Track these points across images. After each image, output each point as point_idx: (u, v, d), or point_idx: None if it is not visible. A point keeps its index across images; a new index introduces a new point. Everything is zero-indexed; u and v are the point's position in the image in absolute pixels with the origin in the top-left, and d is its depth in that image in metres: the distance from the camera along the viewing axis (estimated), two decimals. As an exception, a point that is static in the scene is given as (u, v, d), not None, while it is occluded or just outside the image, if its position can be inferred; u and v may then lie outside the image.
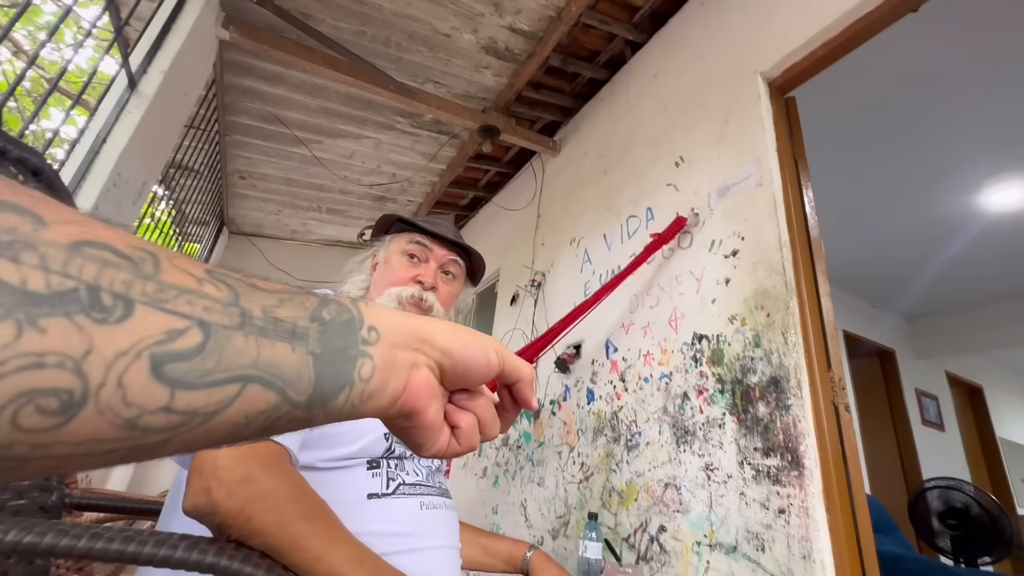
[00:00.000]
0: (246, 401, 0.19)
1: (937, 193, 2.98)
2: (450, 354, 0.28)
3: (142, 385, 0.16)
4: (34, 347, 0.14)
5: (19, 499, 0.66)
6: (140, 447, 0.17)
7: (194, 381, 0.18)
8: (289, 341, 0.21)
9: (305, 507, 0.54)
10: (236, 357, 0.19)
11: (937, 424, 4.24)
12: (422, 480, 0.73)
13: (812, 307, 1.26)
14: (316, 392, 0.22)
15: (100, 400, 0.16)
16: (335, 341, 0.22)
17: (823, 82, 1.63)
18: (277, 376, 0.20)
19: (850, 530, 1.08)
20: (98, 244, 0.16)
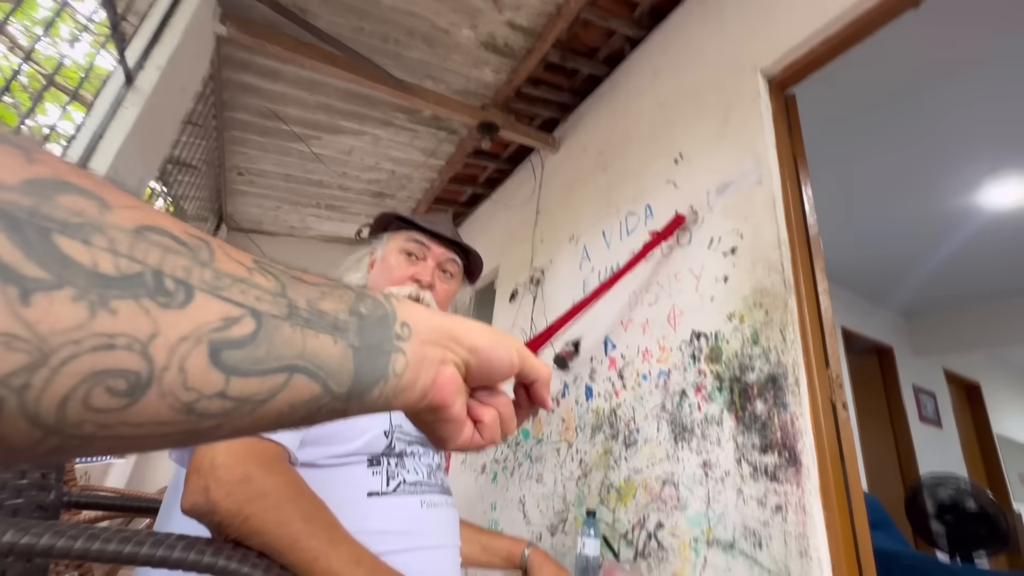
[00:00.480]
0: (292, 391, 0.20)
1: (936, 190, 2.98)
2: (476, 352, 0.29)
3: (201, 370, 0.17)
4: (106, 328, 0.15)
5: (17, 498, 0.66)
6: (195, 431, 0.18)
7: (247, 368, 0.18)
8: (331, 333, 0.21)
9: (304, 507, 0.54)
10: (285, 347, 0.19)
11: (934, 421, 4.25)
12: (423, 478, 0.73)
13: (811, 305, 1.26)
14: (354, 384, 0.22)
15: (163, 383, 0.16)
16: (372, 335, 0.23)
17: (823, 79, 1.63)
18: (321, 367, 0.21)
19: (847, 527, 1.09)
20: (159, 230, 0.17)
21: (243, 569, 0.45)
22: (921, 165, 2.79)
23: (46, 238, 0.14)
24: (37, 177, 0.15)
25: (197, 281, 0.17)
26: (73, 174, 0.16)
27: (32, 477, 0.69)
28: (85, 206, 0.15)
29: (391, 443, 0.70)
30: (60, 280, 0.14)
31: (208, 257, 0.18)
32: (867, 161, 2.81)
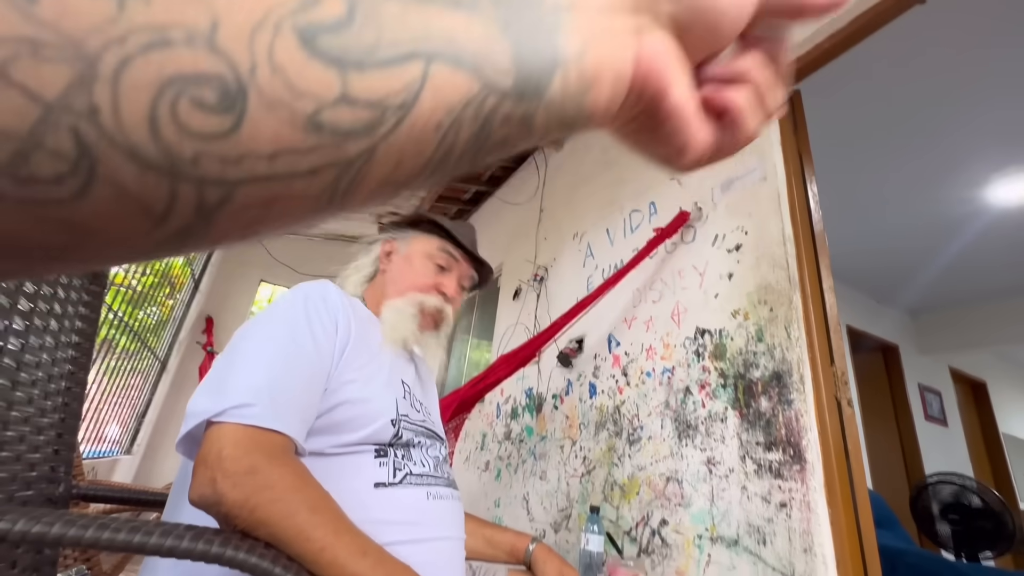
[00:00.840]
0: (438, 86, 0.14)
1: (943, 188, 2.96)
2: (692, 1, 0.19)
3: (300, 66, 0.12)
4: (146, 19, 0.11)
5: (27, 490, 0.67)
6: (346, 161, 0.14)
7: (361, 58, 0.13)
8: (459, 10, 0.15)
9: (310, 497, 0.54)
10: (399, 28, 0.14)
11: (940, 419, 4.23)
12: (429, 470, 0.73)
13: (815, 302, 1.26)
14: (521, 73, 0.16)
15: (261, 88, 0.12)
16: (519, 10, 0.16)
17: (828, 75, 1.61)
18: (463, 50, 0.15)
19: (851, 524, 1.08)
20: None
21: (251, 559, 0.45)
22: (928, 162, 2.77)
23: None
24: None
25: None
26: None
27: (42, 470, 0.69)
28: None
29: (398, 432, 0.70)
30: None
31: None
32: (873, 159, 2.79)
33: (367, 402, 0.68)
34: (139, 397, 3.85)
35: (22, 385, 0.65)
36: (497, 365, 1.82)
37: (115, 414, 3.41)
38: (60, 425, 0.74)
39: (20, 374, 0.64)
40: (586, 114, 0.18)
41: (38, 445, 0.69)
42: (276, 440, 0.56)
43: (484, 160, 0.17)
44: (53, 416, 0.72)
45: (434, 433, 0.80)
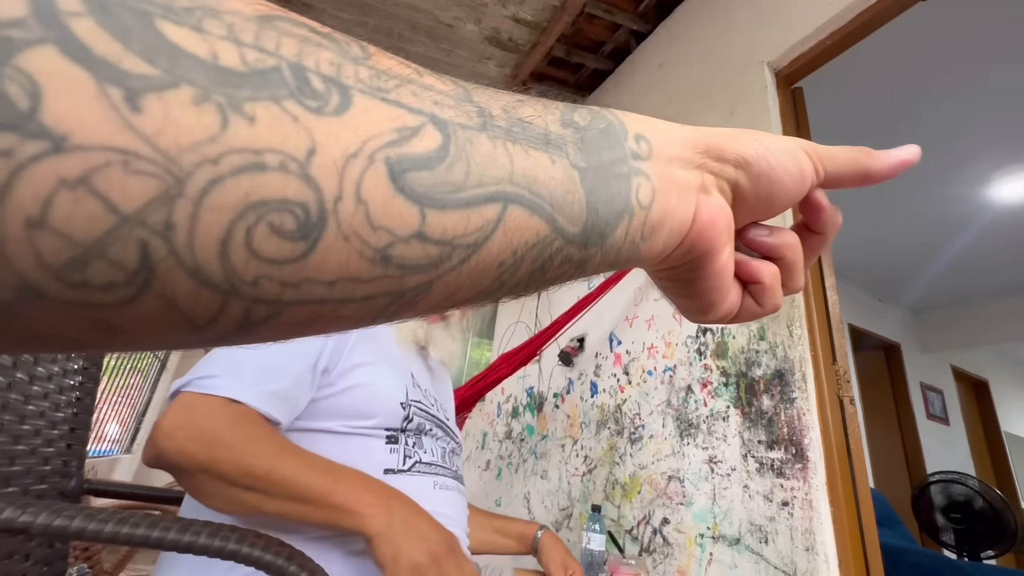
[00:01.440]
0: (511, 229, 0.15)
1: (945, 186, 2.96)
2: (749, 165, 0.20)
3: (385, 200, 0.12)
4: (247, 141, 0.11)
5: (41, 484, 0.68)
6: (401, 292, 0.14)
7: (444, 198, 0.13)
8: (545, 150, 0.15)
9: (248, 430, 0.55)
10: (488, 167, 0.14)
11: (942, 418, 4.23)
12: (438, 460, 0.74)
13: (818, 300, 1.26)
14: (591, 220, 0.16)
15: (341, 218, 0.12)
16: (599, 152, 0.17)
17: (830, 72, 1.62)
18: (540, 196, 0.15)
19: (854, 523, 1.08)
20: (291, 20, 0.13)
21: (266, 556, 0.45)
22: (929, 161, 2.77)
23: (148, 24, 0.10)
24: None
25: (352, 80, 0.13)
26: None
27: (55, 464, 0.70)
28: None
29: (408, 415, 0.71)
30: (173, 76, 0.10)
31: (361, 53, 0.13)
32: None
33: (376, 385, 0.69)
34: (139, 396, 3.86)
35: (39, 380, 0.66)
36: (498, 364, 1.83)
37: (115, 413, 3.42)
38: (73, 420, 0.75)
39: (38, 368, 0.65)
40: (638, 257, 0.18)
41: (52, 439, 0.70)
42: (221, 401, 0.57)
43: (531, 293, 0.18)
44: (67, 411, 0.73)
45: (447, 427, 0.81)
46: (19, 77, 0.09)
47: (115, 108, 0.10)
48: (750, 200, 0.20)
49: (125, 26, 0.10)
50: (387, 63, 0.14)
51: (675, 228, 0.18)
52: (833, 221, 0.23)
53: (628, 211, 0.17)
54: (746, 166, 0.20)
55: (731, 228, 0.20)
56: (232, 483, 0.53)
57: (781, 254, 0.22)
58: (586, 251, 0.17)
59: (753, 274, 0.22)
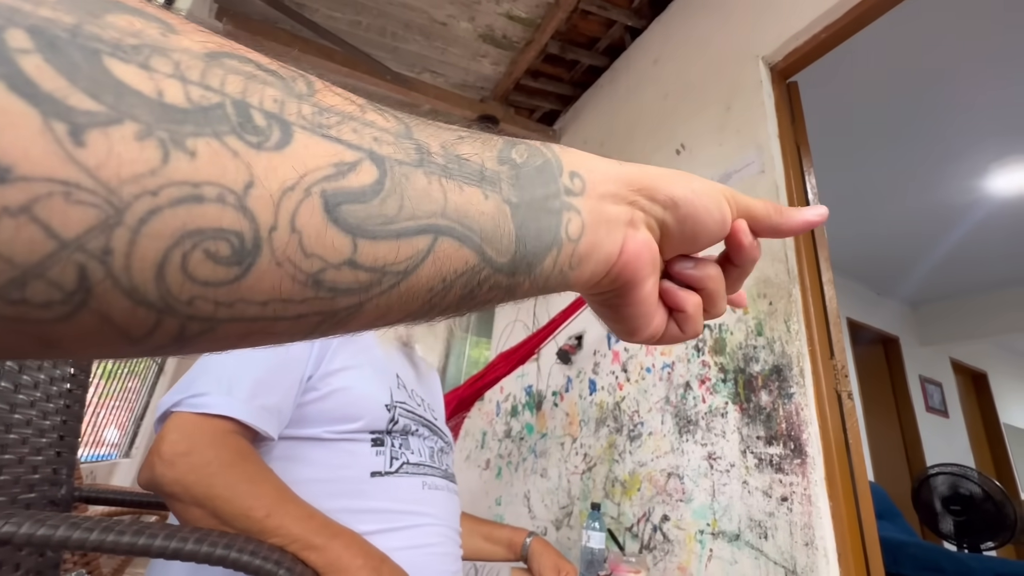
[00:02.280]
0: (440, 259, 0.16)
1: (942, 178, 2.96)
2: (676, 207, 0.21)
3: (318, 230, 0.13)
4: (186, 175, 0.12)
5: (30, 492, 0.67)
6: (332, 312, 0.15)
7: (376, 229, 0.14)
8: (479, 185, 0.16)
9: (248, 471, 0.55)
10: (421, 202, 0.15)
11: (941, 411, 4.24)
12: (426, 460, 0.74)
13: (815, 295, 1.25)
14: (519, 252, 0.17)
15: (275, 246, 0.13)
16: (533, 188, 0.18)
17: (825, 66, 1.61)
18: (471, 229, 0.16)
19: (853, 517, 1.08)
20: (239, 56, 0.13)
21: (254, 561, 0.45)
22: (926, 153, 2.77)
23: (95, 61, 0.11)
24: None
25: (294, 116, 0.13)
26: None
27: (44, 472, 0.69)
28: (144, 27, 0.12)
29: (393, 417, 0.70)
30: (117, 112, 0.11)
31: (306, 90, 0.14)
32: (872, 150, 2.79)
33: (359, 388, 0.69)
34: (136, 400, 3.85)
35: (25, 388, 0.65)
36: (496, 363, 1.82)
37: (113, 417, 3.41)
38: (62, 427, 0.74)
39: (23, 376, 0.64)
40: (567, 284, 0.20)
41: (40, 448, 0.69)
42: (223, 426, 0.57)
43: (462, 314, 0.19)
44: (55, 419, 0.72)
45: (434, 426, 0.80)
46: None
47: (59, 142, 0.10)
48: (676, 237, 0.22)
49: (73, 63, 0.11)
50: (331, 100, 0.15)
51: (602, 259, 0.20)
52: (751, 257, 0.25)
53: (557, 244, 0.18)
54: (674, 207, 0.21)
55: (655, 261, 0.22)
56: (227, 523, 0.52)
57: (704, 285, 0.24)
58: (514, 279, 0.18)
59: (678, 303, 0.24)
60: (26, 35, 0.10)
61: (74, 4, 0.11)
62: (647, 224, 0.21)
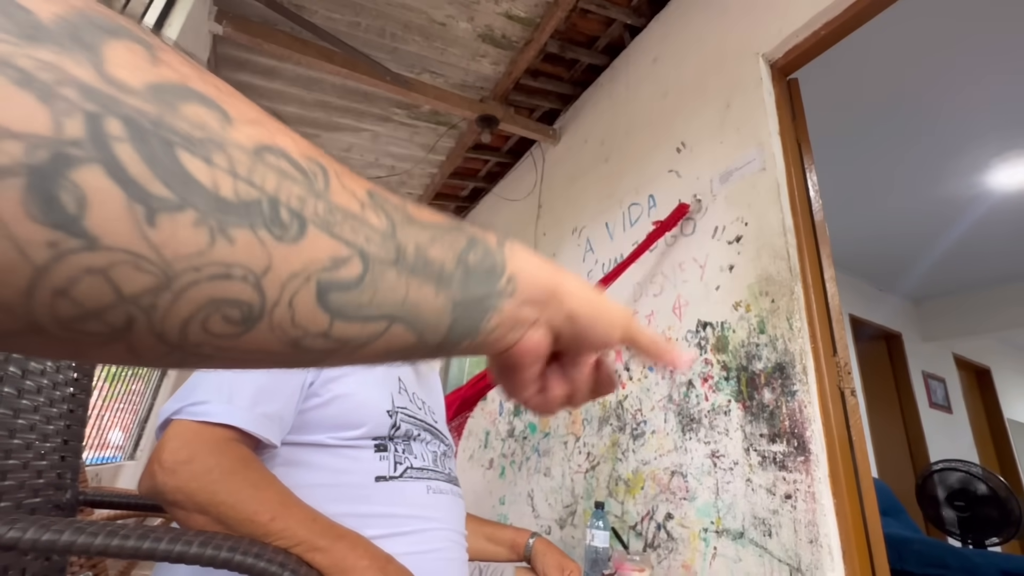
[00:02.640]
0: (390, 338, 0.20)
1: (943, 173, 2.95)
2: (574, 322, 0.26)
3: (309, 310, 0.17)
4: (224, 257, 0.15)
5: (35, 497, 0.67)
6: (298, 361, 0.19)
7: (351, 313, 0.18)
8: (434, 284, 0.20)
9: (251, 477, 0.55)
10: (388, 294, 0.19)
11: (944, 407, 4.23)
12: (429, 464, 0.73)
13: (817, 292, 1.25)
14: (447, 337, 0.22)
15: (273, 318, 0.16)
16: (475, 288, 0.22)
17: (826, 63, 1.61)
18: (419, 319, 0.20)
19: (857, 514, 1.08)
20: (278, 151, 0.16)
21: (259, 564, 0.45)
22: (928, 148, 2.76)
23: (171, 153, 0.14)
24: (162, 81, 0.14)
25: (311, 214, 0.16)
26: (197, 78, 0.15)
27: (49, 477, 0.70)
28: (208, 118, 0.15)
29: (395, 423, 0.70)
30: (183, 201, 0.14)
31: (323, 187, 0.17)
32: (873, 146, 2.78)
33: (360, 395, 0.69)
34: (141, 403, 3.86)
35: (27, 393, 0.65)
36: (499, 362, 1.81)
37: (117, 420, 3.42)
38: (66, 432, 0.74)
39: (25, 382, 0.64)
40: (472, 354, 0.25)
41: (44, 452, 0.69)
42: (225, 433, 0.57)
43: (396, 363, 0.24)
44: (59, 423, 0.72)
45: (436, 430, 0.80)
46: (73, 188, 0.12)
47: (137, 222, 0.13)
48: (566, 340, 0.27)
49: (154, 153, 0.13)
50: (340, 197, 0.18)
51: (501, 346, 0.25)
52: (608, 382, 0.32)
53: (475, 333, 0.23)
54: (572, 321, 0.26)
55: (541, 356, 0.27)
56: (231, 528, 0.52)
57: (573, 383, 0.30)
58: (437, 352, 0.23)
59: (548, 388, 0.29)
60: (121, 125, 0.13)
61: (157, 95, 0.14)
62: (547, 325, 0.26)
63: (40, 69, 0.12)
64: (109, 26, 0.14)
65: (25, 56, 0.12)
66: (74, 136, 0.12)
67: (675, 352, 0.31)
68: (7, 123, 0.12)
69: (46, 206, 0.12)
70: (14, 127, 0.12)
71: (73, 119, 0.12)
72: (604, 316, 0.28)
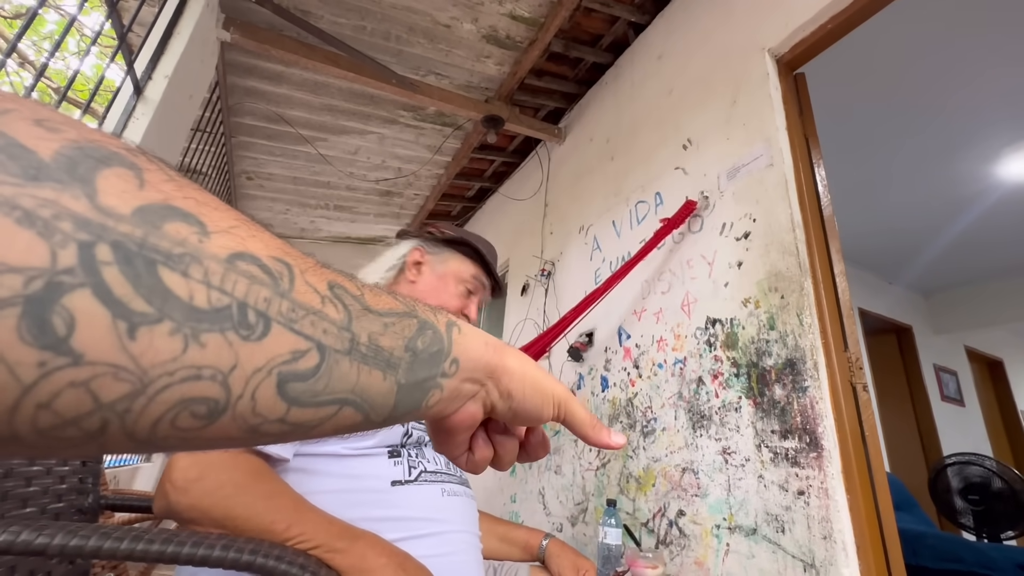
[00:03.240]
0: (339, 420, 0.21)
1: (953, 164, 2.92)
2: (509, 399, 0.29)
3: (269, 400, 0.18)
4: (195, 360, 0.16)
5: (58, 502, 0.69)
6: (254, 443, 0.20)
7: (306, 400, 0.19)
8: (383, 370, 0.22)
9: (264, 489, 0.56)
10: (341, 381, 0.20)
11: (957, 399, 4.19)
12: (442, 468, 0.74)
13: (827, 287, 1.25)
14: (391, 415, 0.24)
15: (236, 410, 0.17)
16: (420, 372, 0.24)
17: (833, 56, 1.60)
18: (367, 401, 0.22)
19: (871, 509, 1.08)
20: (248, 257, 0.18)
21: (280, 567, 0.46)
22: (937, 139, 2.73)
23: (152, 271, 0.15)
24: (147, 203, 0.16)
25: (275, 313, 0.18)
26: (179, 194, 0.17)
27: (71, 482, 0.71)
28: (187, 234, 0.16)
29: (407, 431, 0.71)
30: (161, 314, 0.15)
31: (288, 287, 0.19)
32: (882, 138, 2.76)
33: None
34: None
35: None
36: (509, 362, 1.82)
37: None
38: (87, 438, 0.75)
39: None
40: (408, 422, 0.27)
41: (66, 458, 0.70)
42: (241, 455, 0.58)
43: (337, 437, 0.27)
44: (80, 429, 0.74)
45: None
46: (63, 313, 0.13)
47: (119, 337, 0.14)
48: (501, 415, 0.30)
49: (137, 273, 0.15)
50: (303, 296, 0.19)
51: (440, 416, 0.27)
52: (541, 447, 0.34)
53: (416, 409, 0.25)
54: (508, 397, 0.29)
55: (474, 425, 0.29)
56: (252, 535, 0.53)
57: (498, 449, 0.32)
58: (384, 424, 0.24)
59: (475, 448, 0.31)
60: (110, 250, 0.14)
61: (143, 217, 0.15)
62: (483, 400, 0.29)
63: (41, 207, 0.13)
64: (102, 155, 0.15)
65: (28, 196, 0.13)
66: (67, 265, 0.13)
67: (607, 434, 0.34)
68: (8, 259, 0.13)
69: (38, 330, 0.13)
70: (14, 262, 0.13)
71: (67, 250, 0.14)
72: (539, 395, 0.30)
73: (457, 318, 0.28)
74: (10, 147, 0.13)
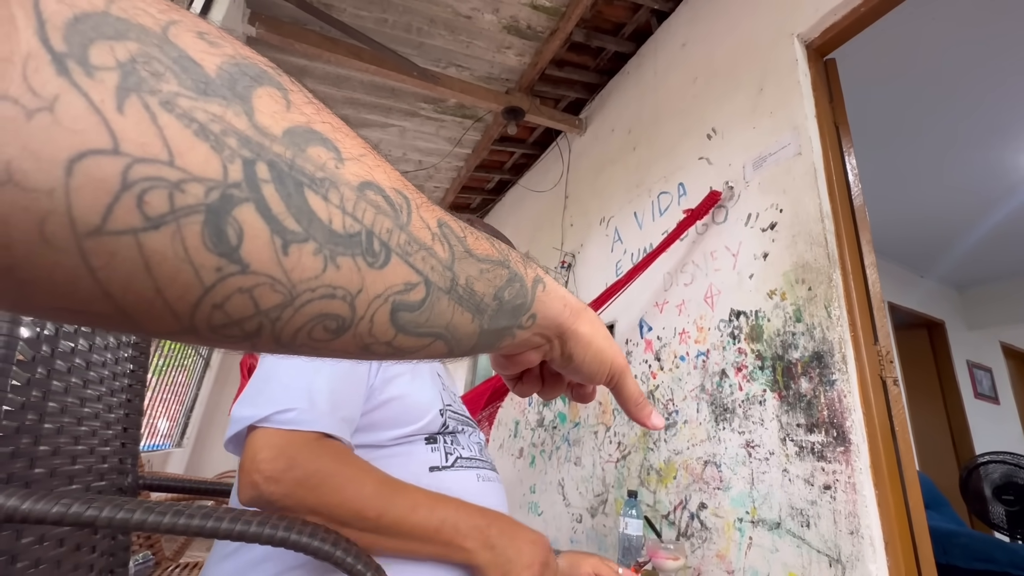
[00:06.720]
0: (431, 350, 0.24)
1: (989, 154, 2.81)
2: (569, 360, 0.32)
3: (383, 325, 0.20)
4: (332, 280, 0.18)
5: (100, 480, 0.72)
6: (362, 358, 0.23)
7: (411, 329, 0.22)
8: (473, 313, 0.24)
9: (351, 474, 0.57)
10: (439, 316, 0.23)
11: (991, 397, 4.06)
12: (476, 455, 0.76)
13: (857, 279, 1.22)
14: (468, 352, 0.26)
15: (357, 329, 0.20)
16: (502, 320, 0.26)
17: (865, 41, 1.55)
18: (455, 339, 0.24)
19: (900, 506, 1.06)
20: (375, 187, 0.19)
21: (313, 543, 0.47)
22: (972, 129, 2.63)
23: (300, 193, 0.16)
24: (294, 125, 0.17)
25: (395, 244, 0.20)
26: (318, 118, 0.18)
27: (112, 462, 0.74)
28: (326, 159, 0.17)
29: (445, 422, 0.73)
30: (307, 234, 0.17)
31: (406, 220, 0.20)
32: (915, 126, 2.67)
33: (416, 395, 0.71)
34: (186, 393, 4.02)
35: (92, 383, 0.69)
36: (529, 353, 1.83)
37: (165, 409, 3.58)
38: (125, 420, 0.79)
39: (89, 373, 0.68)
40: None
41: (107, 439, 0.73)
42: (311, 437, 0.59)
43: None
44: (119, 412, 0.77)
45: (472, 422, 0.82)
46: (235, 224, 0.15)
47: (276, 251, 0.16)
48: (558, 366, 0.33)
49: (288, 192, 0.16)
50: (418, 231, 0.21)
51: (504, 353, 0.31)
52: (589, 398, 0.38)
53: (491, 349, 0.28)
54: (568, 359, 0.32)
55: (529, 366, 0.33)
56: (344, 524, 0.55)
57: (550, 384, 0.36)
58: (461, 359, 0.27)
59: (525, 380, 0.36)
60: (267, 168, 0.16)
61: (291, 139, 0.16)
62: (545, 352, 0.32)
63: (211, 121, 0.15)
64: (255, 72, 0.16)
65: (201, 110, 0.14)
66: (236, 180, 0.15)
67: (648, 413, 0.36)
68: (191, 168, 0.14)
69: (216, 238, 0.15)
70: (196, 172, 0.14)
71: (235, 164, 0.15)
72: (597, 363, 0.33)
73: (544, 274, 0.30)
74: (182, 60, 0.14)
